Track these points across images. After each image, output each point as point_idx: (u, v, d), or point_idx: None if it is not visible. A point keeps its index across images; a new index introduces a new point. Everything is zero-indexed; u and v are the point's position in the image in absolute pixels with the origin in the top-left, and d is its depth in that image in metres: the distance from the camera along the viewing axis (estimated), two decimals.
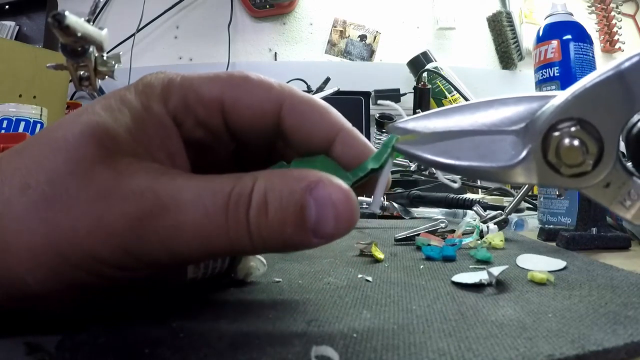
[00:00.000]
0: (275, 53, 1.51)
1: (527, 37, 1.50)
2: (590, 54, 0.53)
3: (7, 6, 1.29)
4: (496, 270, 0.26)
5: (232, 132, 0.20)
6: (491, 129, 0.18)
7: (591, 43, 0.54)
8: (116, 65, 0.32)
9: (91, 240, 0.16)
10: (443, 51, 1.50)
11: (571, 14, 0.55)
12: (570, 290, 0.24)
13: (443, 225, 0.44)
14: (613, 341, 0.17)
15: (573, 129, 0.17)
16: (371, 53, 1.52)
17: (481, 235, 0.41)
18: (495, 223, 0.45)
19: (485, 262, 0.32)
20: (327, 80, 1.20)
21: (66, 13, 0.23)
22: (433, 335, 0.18)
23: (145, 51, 1.45)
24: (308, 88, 1.23)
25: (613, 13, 1.55)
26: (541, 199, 0.55)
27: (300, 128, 0.20)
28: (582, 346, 0.16)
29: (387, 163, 0.20)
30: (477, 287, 0.25)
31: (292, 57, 1.51)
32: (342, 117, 0.21)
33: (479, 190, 0.90)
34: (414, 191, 0.68)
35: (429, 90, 1.21)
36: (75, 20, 0.24)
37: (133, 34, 1.41)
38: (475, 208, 0.54)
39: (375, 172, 0.20)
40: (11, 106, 0.68)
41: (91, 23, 0.26)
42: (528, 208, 0.67)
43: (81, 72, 0.30)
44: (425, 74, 1.23)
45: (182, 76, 0.20)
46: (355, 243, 0.36)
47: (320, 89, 1.12)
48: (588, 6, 1.58)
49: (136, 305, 0.20)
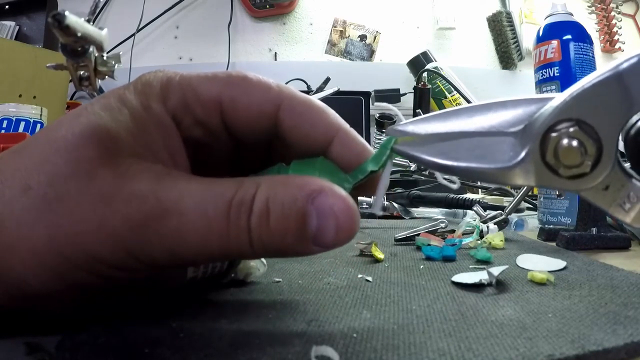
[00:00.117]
0: (275, 53, 1.51)
1: (527, 37, 1.50)
2: (590, 54, 0.53)
3: (7, 6, 1.29)
4: (496, 270, 0.26)
5: (231, 132, 0.20)
6: (490, 131, 0.18)
7: (591, 43, 0.54)
8: (116, 65, 0.31)
9: (92, 241, 0.16)
10: (443, 51, 1.50)
11: (571, 14, 0.55)
12: (570, 290, 0.24)
13: (443, 225, 0.44)
14: (613, 341, 0.17)
15: (571, 130, 0.17)
16: (371, 53, 1.52)
17: (481, 235, 0.41)
18: (495, 223, 0.45)
19: (485, 262, 0.32)
20: (327, 80, 1.20)
21: (66, 13, 0.23)
22: (433, 335, 0.18)
23: (145, 51, 1.45)
24: (308, 88, 1.23)
25: (613, 13, 1.55)
26: (541, 199, 0.55)
27: (298, 129, 0.20)
28: (582, 346, 0.16)
29: (387, 165, 0.20)
30: (477, 287, 0.25)
31: (292, 57, 1.51)
32: (340, 119, 0.21)
33: (479, 190, 0.90)
34: (414, 191, 0.68)
35: (429, 90, 1.21)
36: (75, 20, 0.24)
37: (133, 34, 1.41)
38: (475, 208, 0.54)
39: (374, 174, 0.20)
40: (11, 106, 0.68)
41: (91, 23, 0.26)
42: (528, 208, 0.67)
43: (81, 72, 0.30)
44: (425, 74, 1.23)
45: (181, 75, 0.20)
46: (355, 243, 0.36)
47: (320, 89, 1.12)
48: (588, 6, 1.58)
49: (136, 305, 0.20)
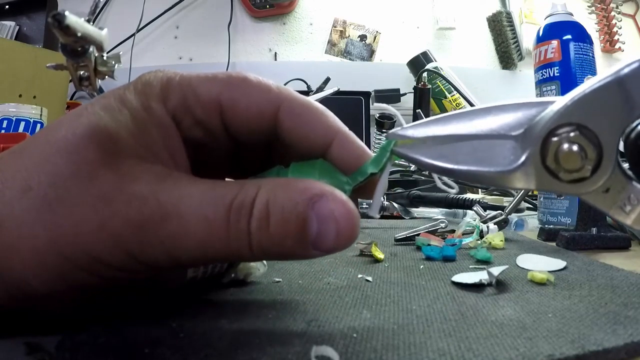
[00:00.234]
0: (275, 53, 1.50)
1: (527, 37, 1.50)
2: (590, 54, 0.53)
3: (7, 6, 1.29)
4: (496, 270, 0.26)
5: (230, 133, 0.20)
6: (490, 134, 0.18)
7: (591, 43, 0.54)
8: (116, 65, 0.31)
9: (93, 242, 0.16)
10: (443, 51, 1.50)
11: (571, 14, 0.55)
12: (570, 290, 0.24)
13: (443, 225, 0.44)
14: (613, 341, 0.17)
15: (572, 134, 0.17)
16: (371, 53, 1.51)
17: (481, 235, 0.41)
18: (495, 223, 0.45)
19: (485, 262, 0.32)
20: (327, 80, 1.20)
21: (66, 13, 0.23)
22: (433, 335, 0.18)
23: (145, 51, 1.45)
24: (308, 88, 1.23)
25: (613, 13, 1.54)
26: (541, 199, 0.55)
27: (297, 130, 0.20)
28: (582, 346, 0.16)
29: (386, 167, 0.20)
30: (477, 287, 0.25)
31: (292, 57, 1.50)
32: (339, 121, 0.21)
33: (479, 190, 0.90)
34: (414, 191, 0.68)
35: (429, 90, 1.21)
36: (75, 20, 0.24)
37: (133, 34, 1.41)
38: (475, 208, 0.54)
39: (374, 176, 0.20)
40: (11, 106, 0.68)
41: (91, 23, 0.26)
42: (528, 208, 0.67)
43: (81, 72, 0.30)
44: (425, 74, 1.23)
45: (181, 75, 0.20)
46: (355, 243, 0.35)
47: (320, 89, 1.12)
48: (588, 6, 1.58)
49: (136, 305, 0.20)
